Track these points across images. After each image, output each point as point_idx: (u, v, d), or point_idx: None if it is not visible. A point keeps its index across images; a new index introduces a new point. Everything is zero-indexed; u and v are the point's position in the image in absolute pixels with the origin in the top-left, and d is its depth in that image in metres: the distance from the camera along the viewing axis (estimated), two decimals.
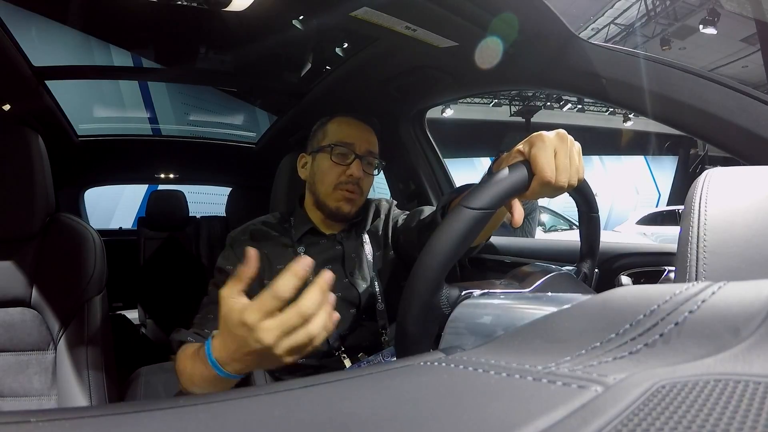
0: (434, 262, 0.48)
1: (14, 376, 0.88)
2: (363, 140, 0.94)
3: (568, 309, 0.30)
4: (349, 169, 0.91)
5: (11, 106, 1.53)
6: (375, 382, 0.27)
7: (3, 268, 0.88)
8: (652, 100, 0.76)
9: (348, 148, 0.92)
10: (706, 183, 0.41)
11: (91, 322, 0.92)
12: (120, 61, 3.67)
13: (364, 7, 0.86)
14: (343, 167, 0.92)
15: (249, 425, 0.20)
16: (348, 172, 0.91)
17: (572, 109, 10.07)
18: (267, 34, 1.55)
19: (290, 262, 0.89)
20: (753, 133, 0.65)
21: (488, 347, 0.29)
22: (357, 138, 0.93)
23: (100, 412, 0.23)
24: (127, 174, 2.95)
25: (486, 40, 0.94)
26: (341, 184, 0.92)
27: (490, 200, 0.49)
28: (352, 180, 0.91)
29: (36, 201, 0.89)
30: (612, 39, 8.28)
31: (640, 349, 0.22)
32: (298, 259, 0.54)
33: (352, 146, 0.92)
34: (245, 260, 0.54)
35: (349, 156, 0.92)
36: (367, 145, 0.94)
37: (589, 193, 0.66)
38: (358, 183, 0.92)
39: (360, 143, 0.93)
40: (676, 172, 11.39)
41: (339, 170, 0.92)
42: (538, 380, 0.21)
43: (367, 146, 0.94)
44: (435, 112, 6.01)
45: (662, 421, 0.15)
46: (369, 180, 0.96)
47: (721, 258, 0.36)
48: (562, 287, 0.58)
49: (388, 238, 1.00)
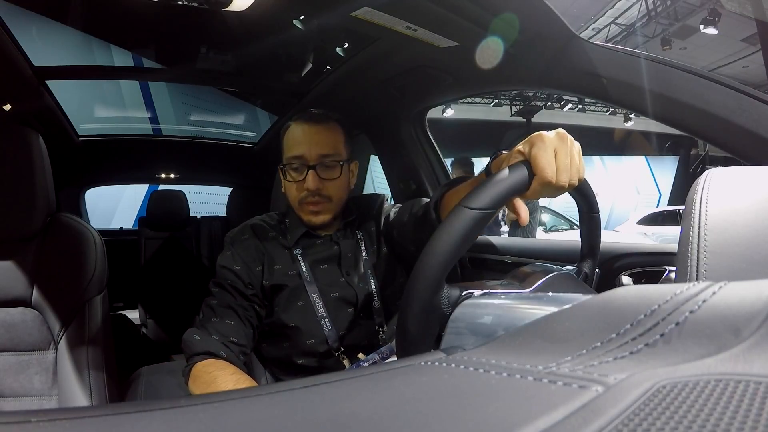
0: (435, 262, 0.48)
1: (15, 376, 0.88)
2: (313, 146, 0.89)
3: (568, 309, 0.30)
4: (305, 183, 0.88)
5: (12, 106, 1.54)
6: (376, 382, 0.27)
7: (4, 268, 0.88)
8: (652, 100, 0.76)
9: (299, 161, 0.89)
10: (707, 183, 0.41)
11: (91, 322, 0.92)
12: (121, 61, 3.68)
13: (365, 7, 0.86)
14: (299, 182, 0.89)
15: (249, 425, 0.20)
16: (304, 186, 0.89)
17: (573, 109, 10.07)
18: (268, 34, 1.56)
19: (288, 263, 0.90)
20: (754, 133, 0.65)
21: (489, 347, 0.29)
22: (306, 146, 0.89)
23: (100, 412, 0.23)
24: (128, 174, 2.95)
25: (487, 40, 0.94)
26: (303, 199, 0.90)
27: (490, 200, 0.49)
28: (312, 193, 0.89)
29: (37, 201, 0.89)
30: (613, 39, 8.27)
31: (641, 349, 0.22)
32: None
33: (302, 158, 0.89)
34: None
35: (302, 171, 0.89)
36: (318, 149, 0.89)
37: (590, 193, 0.66)
38: (319, 193, 0.89)
39: (310, 151, 0.89)
40: (676, 172, 11.38)
41: (297, 186, 0.90)
42: (539, 380, 0.21)
43: (319, 151, 0.89)
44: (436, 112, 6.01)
45: (663, 421, 0.15)
46: (334, 184, 0.91)
47: (722, 258, 0.36)
48: (563, 287, 0.58)
49: (381, 234, 1.00)
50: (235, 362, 0.79)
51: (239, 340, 0.82)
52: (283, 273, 0.89)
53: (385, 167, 1.77)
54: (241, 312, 0.85)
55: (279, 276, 0.89)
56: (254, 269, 0.88)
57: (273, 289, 0.88)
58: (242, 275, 0.86)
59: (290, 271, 0.90)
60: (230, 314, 0.84)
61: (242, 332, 0.83)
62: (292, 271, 0.90)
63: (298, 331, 0.87)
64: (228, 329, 0.82)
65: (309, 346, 0.87)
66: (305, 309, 0.88)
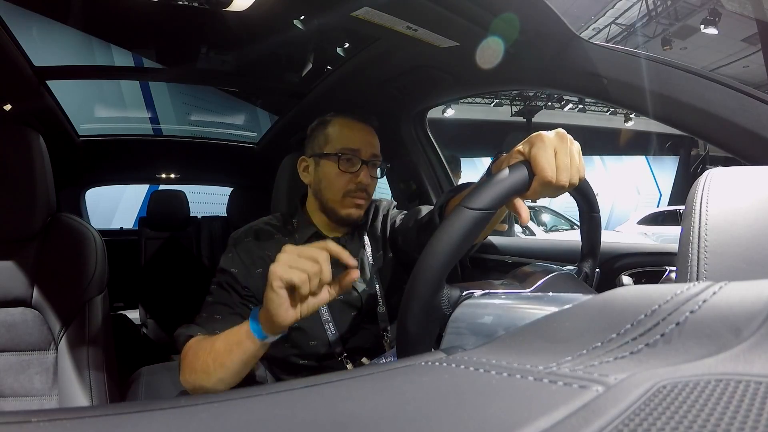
0: (435, 262, 0.48)
1: (15, 376, 0.88)
2: (367, 144, 0.92)
3: (569, 309, 0.30)
4: (358, 177, 0.90)
5: (12, 106, 1.54)
6: (376, 382, 0.27)
7: (4, 268, 0.88)
8: (653, 100, 0.76)
9: (354, 154, 0.91)
10: (707, 183, 0.41)
11: (92, 322, 0.92)
12: (121, 61, 3.68)
13: (365, 7, 0.86)
14: (350, 175, 0.90)
15: (250, 425, 0.20)
16: (356, 180, 0.90)
17: (573, 109, 10.07)
18: (268, 34, 1.56)
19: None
20: (754, 133, 0.65)
21: (489, 347, 0.29)
22: (362, 143, 0.92)
23: (101, 412, 0.23)
24: (129, 174, 2.95)
25: (487, 40, 0.94)
26: (350, 192, 0.90)
27: (490, 201, 0.49)
28: (361, 187, 0.90)
29: (37, 201, 0.89)
30: (613, 39, 8.27)
31: (641, 349, 0.22)
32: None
33: (357, 152, 0.91)
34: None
35: (356, 163, 0.91)
36: (371, 149, 0.93)
37: (590, 192, 0.66)
38: (366, 189, 0.91)
39: (365, 148, 0.92)
40: (677, 172, 11.38)
41: (347, 178, 0.90)
42: (539, 380, 0.21)
43: (372, 150, 0.93)
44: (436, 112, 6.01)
45: (663, 421, 0.15)
46: (374, 184, 0.95)
47: (722, 258, 0.36)
48: (563, 287, 0.58)
49: (387, 238, 1.00)
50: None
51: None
52: None
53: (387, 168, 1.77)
54: (235, 310, 0.84)
55: None
56: (253, 272, 0.87)
57: None
58: (240, 278, 0.86)
59: None
60: (223, 311, 0.83)
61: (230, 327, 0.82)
62: None
63: (301, 333, 0.87)
64: (217, 325, 0.81)
65: (311, 348, 0.87)
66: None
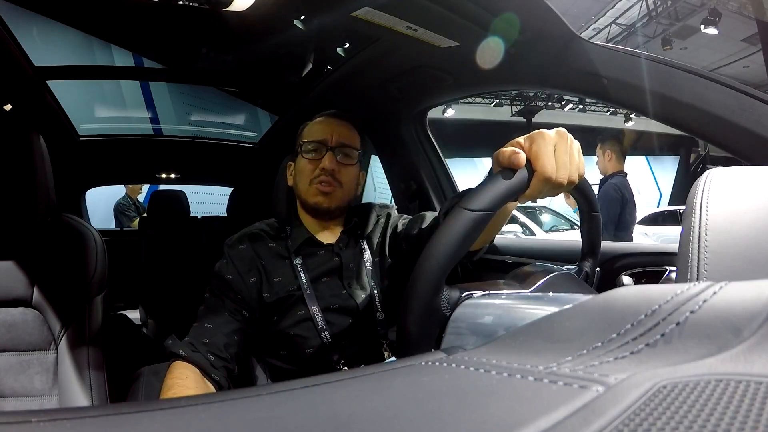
0: (434, 264, 0.48)
1: (15, 376, 0.88)
2: (335, 133, 0.93)
3: (569, 309, 0.30)
4: (321, 163, 0.91)
5: (13, 106, 1.54)
6: (376, 382, 0.27)
7: (4, 268, 0.88)
8: (653, 100, 0.76)
9: (321, 143, 0.92)
10: (708, 183, 0.41)
11: (92, 322, 0.92)
12: (121, 61, 3.68)
13: (366, 7, 0.86)
14: (316, 162, 0.92)
15: (250, 425, 0.20)
16: (320, 166, 0.91)
17: (573, 109, 10.07)
18: (268, 34, 1.56)
19: (288, 276, 0.90)
20: (754, 132, 0.65)
21: (489, 347, 0.29)
22: (329, 132, 0.93)
23: (101, 412, 0.23)
24: (129, 174, 2.95)
25: (487, 40, 0.94)
26: (315, 178, 0.91)
27: (489, 201, 0.49)
28: (325, 172, 0.91)
29: (37, 201, 0.89)
30: (613, 39, 8.27)
31: (642, 349, 0.22)
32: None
33: (324, 141, 0.92)
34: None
35: (321, 150, 0.92)
36: (339, 137, 0.93)
37: (590, 192, 0.66)
38: (333, 175, 0.91)
39: (333, 136, 0.93)
40: (677, 172, 11.38)
41: (313, 166, 0.92)
42: (540, 380, 0.21)
43: (340, 138, 0.93)
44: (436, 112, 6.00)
45: (663, 421, 0.15)
46: (348, 171, 0.94)
47: (723, 258, 0.36)
48: (564, 287, 0.58)
49: (386, 244, 0.99)
50: (200, 362, 0.78)
51: (216, 342, 0.81)
52: (283, 286, 0.89)
53: (385, 167, 1.77)
54: (226, 317, 0.84)
55: (279, 289, 0.88)
56: (247, 280, 0.87)
57: (274, 303, 0.88)
58: (234, 284, 0.86)
59: (291, 285, 0.89)
60: (214, 320, 0.83)
61: (221, 335, 0.82)
62: (292, 285, 0.89)
63: (297, 340, 0.87)
64: (205, 333, 0.81)
65: (308, 354, 0.87)
66: (304, 320, 0.87)
